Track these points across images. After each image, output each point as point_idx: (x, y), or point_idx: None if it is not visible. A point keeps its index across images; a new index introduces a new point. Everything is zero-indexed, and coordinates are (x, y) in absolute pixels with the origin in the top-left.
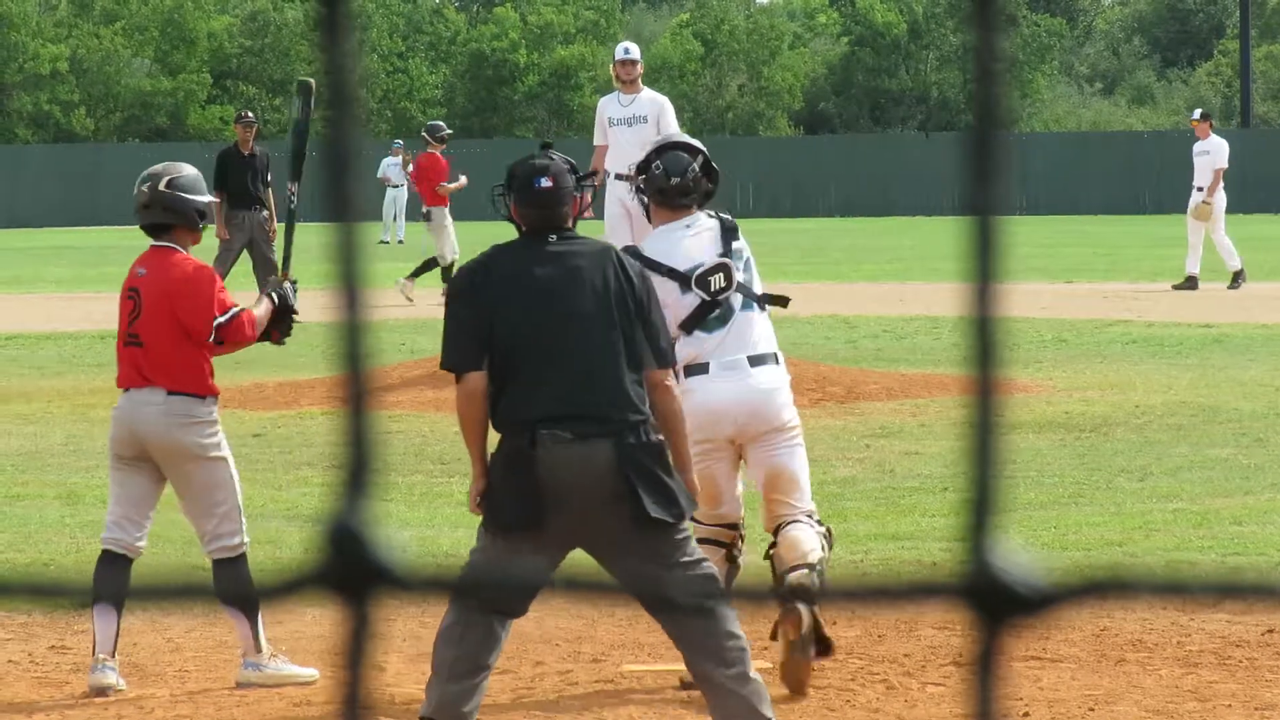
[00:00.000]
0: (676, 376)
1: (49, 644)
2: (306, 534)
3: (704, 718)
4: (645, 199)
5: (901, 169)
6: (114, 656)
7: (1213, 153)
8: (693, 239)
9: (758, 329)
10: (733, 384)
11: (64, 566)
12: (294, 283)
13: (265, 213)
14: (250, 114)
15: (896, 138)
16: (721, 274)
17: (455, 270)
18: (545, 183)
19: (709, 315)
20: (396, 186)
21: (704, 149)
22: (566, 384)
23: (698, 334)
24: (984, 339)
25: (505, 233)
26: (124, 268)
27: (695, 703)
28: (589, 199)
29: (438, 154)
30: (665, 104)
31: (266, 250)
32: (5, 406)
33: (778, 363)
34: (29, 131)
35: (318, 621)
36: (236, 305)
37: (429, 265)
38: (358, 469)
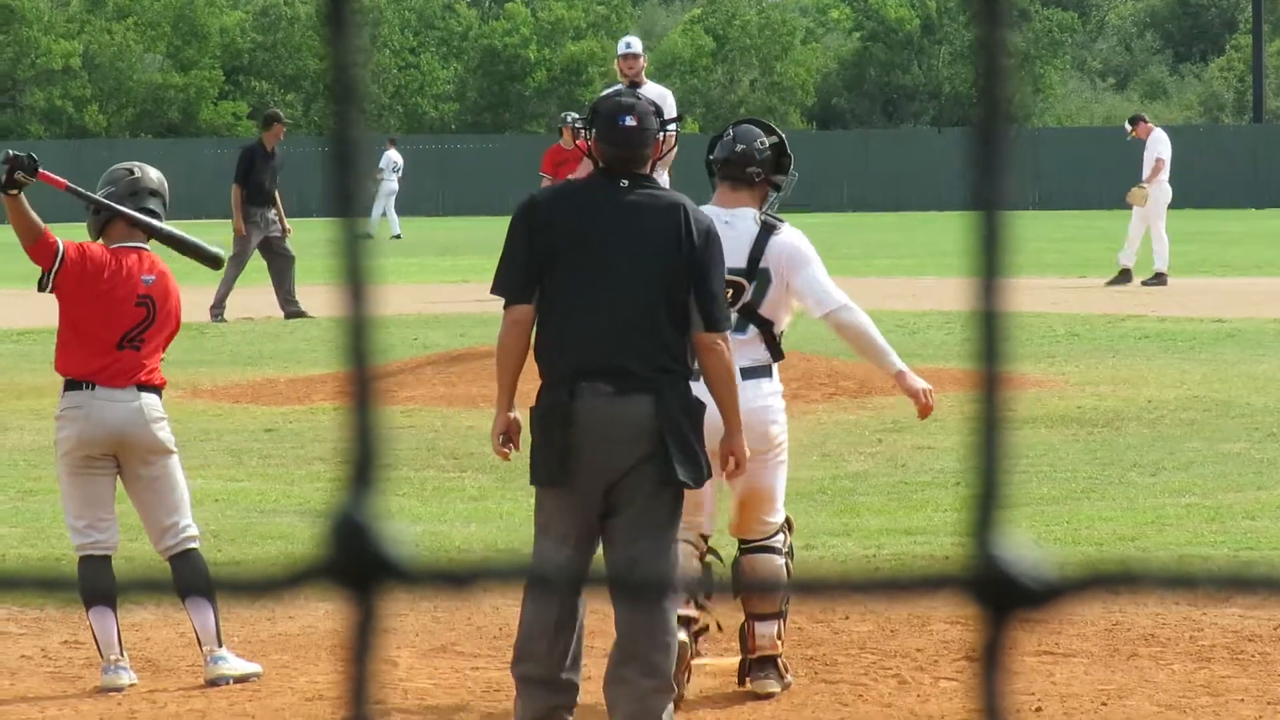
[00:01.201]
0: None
1: (62, 639)
2: (319, 529)
3: (718, 711)
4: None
5: (914, 164)
6: (123, 655)
7: (1150, 144)
8: (724, 230)
9: (748, 347)
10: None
11: (76, 561)
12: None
13: (274, 211)
14: (283, 114)
15: (909, 133)
16: (730, 290)
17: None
18: (630, 121)
19: None
20: (380, 181)
21: (782, 135)
22: (609, 336)
23: None
24: (989, 333)
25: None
26: None
27: (709, 697)
28: (675, 142)
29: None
30: (667, 95)
31: (280, 246)
32: (18, 402)
33: (770, 375)
34: (41, 127)
35: (330, 616)
36: None
37: None
38: (364, 463)
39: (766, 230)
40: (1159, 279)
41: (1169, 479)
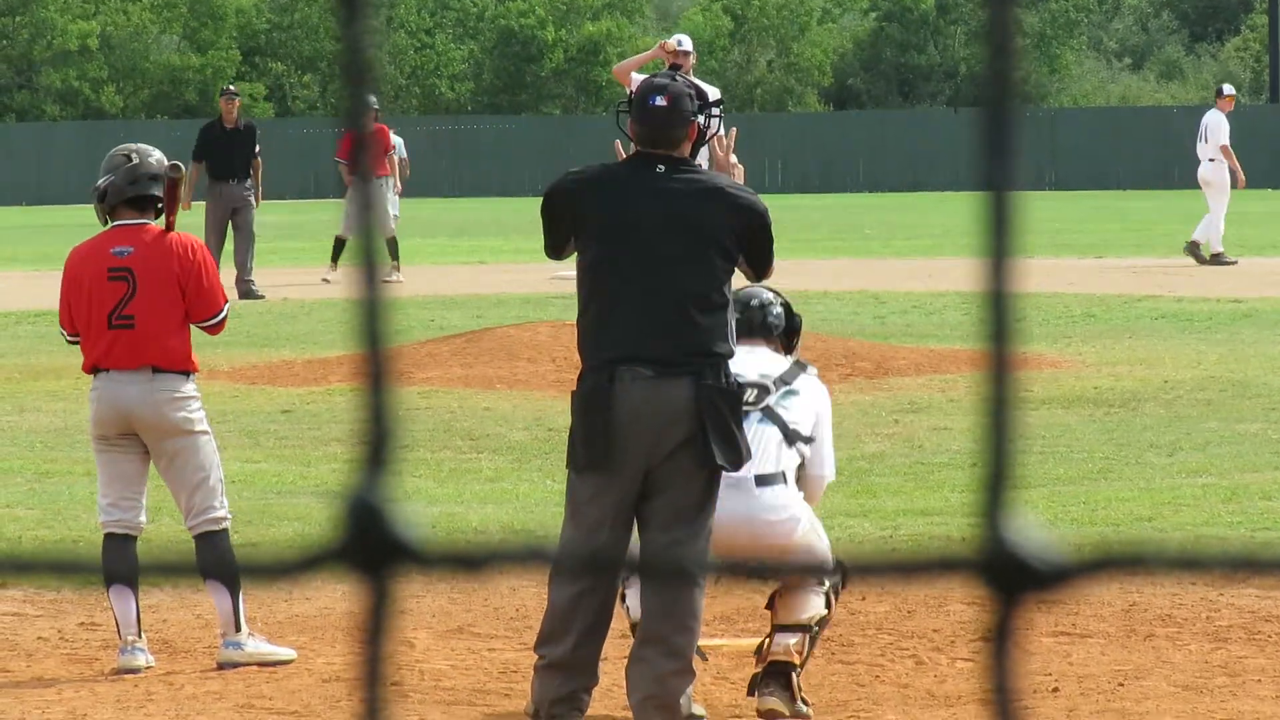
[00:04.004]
0: None
1: (78, 621)
2: (334, 511)
3: (735, 693)
4: None
5: (930, 145)
6: (141, 636)
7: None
8: (748, 356)
9: (770, 446)
10: (735, 503)
11: (93, 544)
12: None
13: (248, 183)
14: (233, 88)
15: (925, 113)
16: (755, 390)
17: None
18: (660, 101)
19: None
20: None
21: (782, 296)
22: (647, 320)
23: None
24: (997, 314)
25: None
26: None
27: (725, 679)
28: (718, 126)
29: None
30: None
31: (242, 222)
32: (35, 383)
33: (786, 483)
34: (57, 108)
35: (347, 598)
36: (227, 299)
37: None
38: (378, 445)
39: (799, 365)
40: (1195, 247)
41: (1186, 459)
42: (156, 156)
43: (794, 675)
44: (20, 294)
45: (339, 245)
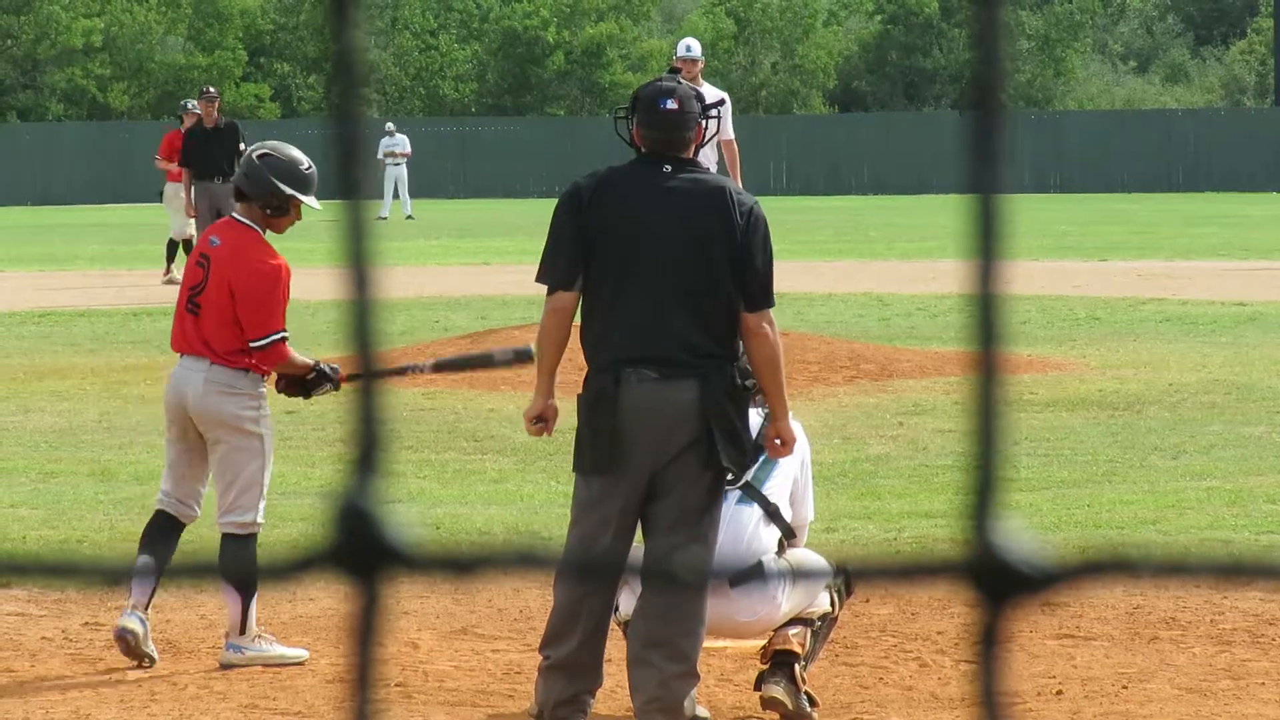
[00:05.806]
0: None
1: (82, 620)
2: (325, 514)
3: (738, 694)
4: None
5: (935, 147)
6: (146, 610)
7: None
8: None
9: (746, 532)
10: (713, 608)
11: (97, 544)
12: (335, 370)
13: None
14: (211, 89)
15: (930, 116)
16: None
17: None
18: (670, 104)
19: None
20: (397, 164)
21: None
22: (653, 321)
23: None
24: (986, 317)
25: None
26: (158, 245)
27: (729, 681)
28: (717, 128)
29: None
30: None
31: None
32: (39, 384)
33: (763, 574)
34: (62, 108)
35: (349, 599)
36: (283, 329)
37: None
38: (368, 447)
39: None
40: None
41: (1190, 462)
42: (251, 150)
43: (797, 667)
44: (25, 294)
45: (172, 248)
